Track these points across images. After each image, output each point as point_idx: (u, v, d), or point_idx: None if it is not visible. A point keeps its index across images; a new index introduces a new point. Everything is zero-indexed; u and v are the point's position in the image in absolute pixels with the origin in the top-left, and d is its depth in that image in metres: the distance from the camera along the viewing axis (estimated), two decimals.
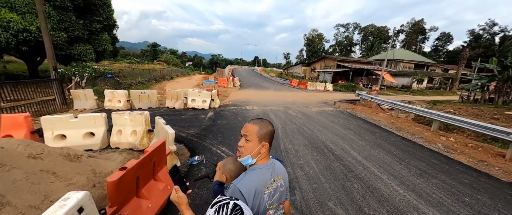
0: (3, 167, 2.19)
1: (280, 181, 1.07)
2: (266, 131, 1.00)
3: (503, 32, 41.76)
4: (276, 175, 1.05)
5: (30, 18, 10.13)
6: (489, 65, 13.06)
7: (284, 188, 1.10)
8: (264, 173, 1.00)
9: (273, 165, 1.07)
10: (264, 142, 0.99)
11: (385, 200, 3.03)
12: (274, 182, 1.03)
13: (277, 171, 1.08)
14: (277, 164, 1.12)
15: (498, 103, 12.04)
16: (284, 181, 1.10)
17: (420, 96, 22.39)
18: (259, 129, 0.99)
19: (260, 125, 1.01)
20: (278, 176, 1.07)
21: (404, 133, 6.77)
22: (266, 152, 1.03)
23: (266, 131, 1.00)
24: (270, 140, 1.01)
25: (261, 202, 0.96)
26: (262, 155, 1.02)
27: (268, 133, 1.00)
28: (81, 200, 1.55)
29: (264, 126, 1.01)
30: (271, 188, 1.00)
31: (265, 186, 0.98)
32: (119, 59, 41.45)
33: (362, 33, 64.67)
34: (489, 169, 4.32)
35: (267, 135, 1.00)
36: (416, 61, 35.91)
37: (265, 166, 1.03)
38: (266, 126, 1.01)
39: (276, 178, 1.05)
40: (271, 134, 1.02)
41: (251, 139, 1.00)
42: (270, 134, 1.01)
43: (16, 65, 19.24)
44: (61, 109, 7.85)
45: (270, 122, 1.06)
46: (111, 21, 15.58)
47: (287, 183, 1.14)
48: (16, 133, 3.74)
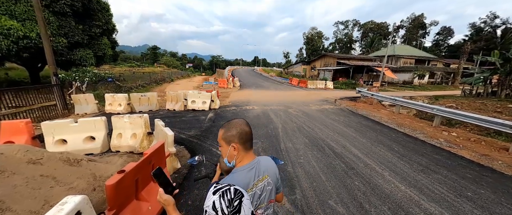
0: (3, 173, 2.21)
1: (267, 180, 1.03)
2: (233, 132, 0.97)
3: (505, 25, 41.28)
4: (261, 174, 1.02)
5: (30, 25, 10.22)
6: (491, 59, 12.93)
7: (273, 186, 1.06)
8: (245, 176, 0.96)
9: (257, 164, 1.02)
10: (233, 144, 0.97)
11: (387, 196, 3.00)
12: (260, 182, 1.00)
13: (264, 170, 1.04)
14: (263, 162, 1.07)
15: (501, 96, 11.92)
16: (272, 178, 1.06)
17: (422, 92, 22.22)
18: (224, 132, 0.99)
19: (226, 128, 1.00)
20: (264, 174, 1.03)
21: (405, 129, 6.72)
22: (241, 153, 0.99)
23: (233, 132, 0.97)
24: (241, 140, 0.97)
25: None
26: (239, 156, 1.00)
27: (236, 134, 0.97)
28: (78, 204, 1.56)
29: (231, 128, 0.99)
30: (256, 189, 0.97)
31: (247, 188, 0.93)
32: (120, 63, 41.73)
33: (361, 30, 64.37)
34: (492, 163, 4.27)
35: (235, 136, 0.97)
36: (417, 56, 35.62)
37: (246, 168, 0.99)
38: (233, 127, 0.99)
39: (262, 177, 1.02)
40: (241, 134, 0.97)
41: (221, 144, 1.01)
42: (238, 134, 0.97)
43: (18, 72, 19.43)
44: (62, 114, 7.91)
45: (243, 122, 1.02)
46: (111, 26, 15.67)
47: (277, 180, 1.11)
48: (17, 138, 3.77)
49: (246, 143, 0.99)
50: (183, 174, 3.59)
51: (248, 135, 0.99)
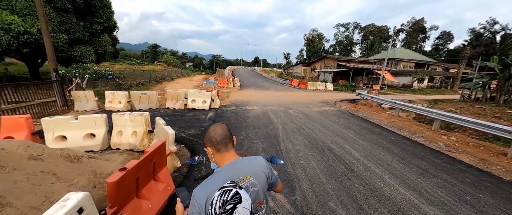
0: (3, 168, 2.20)
1: (250, 180, 0.98)
2: (206, 138, 1.05)
3: (504, 30, 41.56)
4: (242, 174, 0.98)
5: (31, 20, 10.17)
6: (490, 64, 13.01)
7: (260, 187, 1.00)
8: (221, 176, 0.95)
9: (236, 164, 1.01)
10: (207, 148, 1.05)
11: (386, 199, 3.01)
12: (241, 182, 0.95)
13: (245, 170, 0.99)
14: (246, 162, 1.04)
15: (500, 102, 11.98)
16: (258, 178, 1.00)
17: (421, 96, 22.32)
18: (203, 137, 1.08)
19: (204, 133, 1.08)
20: (247, 175, 0.98)
21: (405, 132, 6.75)
22: (217, 155, 1.03)
23: (206, 138, 1.05)
24: (211, 143, 1.02)
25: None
26: (216, 158, 1.04)
27: (206, 139, 1.04)
28: (81, 200, 1.56)
29: (205, 133, 1.06)
30: None
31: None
32: (120, 60, 41.61)
33: (362, 32, 64.57)
34: (490, 168, 4.30)
35: (206, 140, 1.04)
36: (417, 60, 35.80)
37: (223, 169, 1.00)
38: (207, 132, 1.06)
39: (244, 178, 0.97)
40: (210, 138, 1.03)
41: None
42: (208, 138, 1.03)
43: (17, 67, 19.33)
44: (62, 110, 7.87)
45: (217, 125, 1.07)
46: (112, 23, 15.64)
47: (266, 179, 1.04)
48: (17, 134, 3.75)
49: (218, 145, 1.02)
50: (183, 173, 3.59)
51: (217, 137, 1.02)
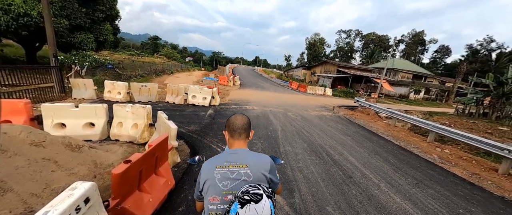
0: (5, 152, 2.17)
1: (244, 169, 1.05)
2: (228, 123, 1.22)
3: (500, 49, 42.70)
4: (239, 161, 1.08)
5: (32, 3, 9.95)
6: (485, 80, 13.33)
7: (254, 180, 1.03)
8: (222, 156, 1.13)
9: (238, 151, 1.14)
10: (224, 131, 1.27)
11: (382, 207, 3.08)
12: (235, 167, 1.05)
13: (243, 159, 1.09)
14: (248, 154, 1.13)
15: (492, 118, 12.29)
16: (253, 171, 1.05)
17: (417, 107, 22.71)
18: (226, 121, 1.26)
19: (228, 118, 1.25)
20: (243, 163, 1.07)
21: (401, 142, 6.88)
22: (230, 140, 1.20)
23: (228, 123, 1.22)
24: (229, 129, 1.20)
25: (212, 178, 1.04)
26: (229, 142, 1.23)
27: (227, 124, 1.23)
28: (88, 190, 1.55)
29: (229, 119, 1.24)
30: (227, 170, 1.05)
31: (218, 164, 1.07)
32: (119, 50, 41.00)
33: (363, 40, 65.31)
34: (482, 182, 4.42)
35: (226, 125, 1.23)
36: (415, 71, 36.43)
37: (228, 151, 1.17)
38: (230, 119, 1.23)
39: (239, 165, 1.06)
40: (229, 124, 1.20)
41: None
42: (228, 124, 1.21)
43: (14, 50, 18.87)
44: (59, 97, 7.74)
45: (238, 116, 1.23)
46: (114, 12, 15.39)
47: (259, 176, 1.05)
48: (15, 119, 3.68)
49: (232, 132, 1.19)
50: (183, 168, 3.58)
51: (235, 126, 1.19)
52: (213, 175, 1.04)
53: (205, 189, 1.05)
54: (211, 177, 1.04)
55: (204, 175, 1.07)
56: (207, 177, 1.05)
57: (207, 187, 1.04)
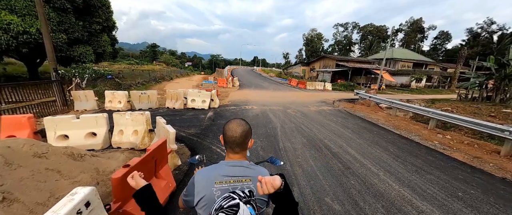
0: (10, 165, 2.27)
1: (247, 184, 0.96)
2: (224, 130, 1.09)
3: (501, 31, 41.99)
4: (241, 175, 0.98)
5: (30, 20, 10.18)
6: (487, 64, 13.15)
7: (256, 193, 0.91)
8: (218, 167, 1.02)
9: (236, 164, 1.02)
10: (221, 135, 1.13)
11: (381, 195, 3.11)
12: (235, 183, 0.96)
13: (243, 171, 1.00)
14: (244, 165, 1.03)
15: (496, 101, 12.13)
16: (256, 185, 0.86)
17: (419, 95, 22.50)
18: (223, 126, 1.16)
19: (226, 123, 1.13)
20: (246, 178, 0.98)
21: (401, 131, 6.86)
22: (227, 149, 1.09)
23: (224, 130, 1.09)
24: (224, 139, 1.07)
25: (210, 195, 0.93)
26: (226, 151, 1.11)
27: (224, 132, 1.08)
28: (88, 194, 1.63)
29: (225, 125, 1.10)
30: (228, 185, 0.95)
31: (215, 180, 0.96)
32: (119, 60, 41.51)
33: (361, 32, 64.84)
34: (483, 165, 4.41)
35: (223, 133, 1.08)
36: (415, 60, 36.05)
37: (225, 163, 1.04)
38: (226, 128, 1.09)
39: (243, 179, 0.97)
40: (226, 133, 1.06)
41: None
42: (224, 133, 1.07)
43: (16, 67, 19.29)
44: (62, 110, 7.92)
45: (237, 127, 1.06)
46: (111, 23, 15.65)
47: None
48: (19, 133, 3.81)
49: (227, 143, 1.07)
50: (184, 171, 3.66)
51: (229, 138, 1.05)
52: (212, 192, 0.93)
53: (200, 204, 0.94)
54: (208, 193, 0.93)
55: (200, 189, 0.96)
56: (204, 193, 0.94)
57: (203, 204, 0.93)
